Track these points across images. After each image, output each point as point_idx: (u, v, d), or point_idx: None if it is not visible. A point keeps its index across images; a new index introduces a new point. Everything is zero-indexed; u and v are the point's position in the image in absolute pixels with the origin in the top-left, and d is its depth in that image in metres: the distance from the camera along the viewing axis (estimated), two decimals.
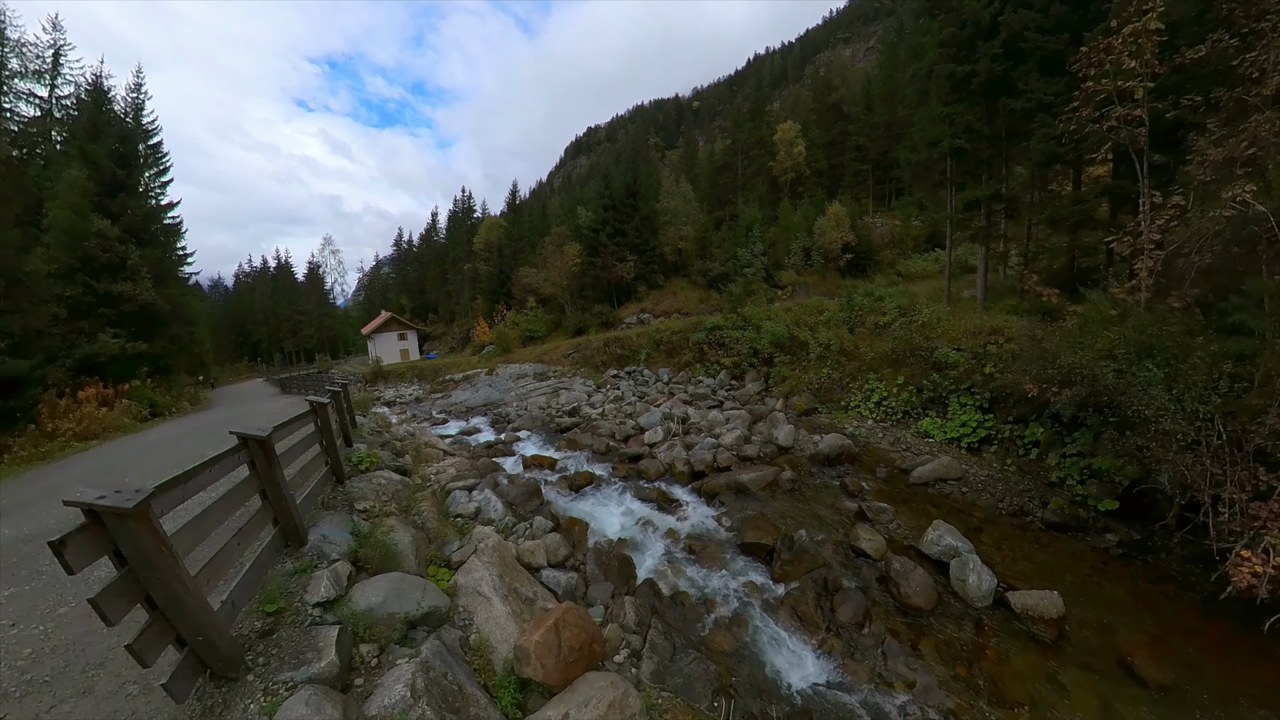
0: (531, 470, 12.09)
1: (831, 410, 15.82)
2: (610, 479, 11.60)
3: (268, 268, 79.54)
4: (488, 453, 13.90)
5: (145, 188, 35.66)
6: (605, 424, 16.18)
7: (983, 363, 12.24)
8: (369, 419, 13.33)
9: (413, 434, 13.35)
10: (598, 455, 13.42)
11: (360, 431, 10.47)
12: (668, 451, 12.63)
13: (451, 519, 7.38)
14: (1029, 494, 9.49)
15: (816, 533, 8.57)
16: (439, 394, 30.49)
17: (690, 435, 14.24)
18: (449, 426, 20.23)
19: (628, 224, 37.26)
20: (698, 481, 11.05)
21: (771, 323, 20.95)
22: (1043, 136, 15.78)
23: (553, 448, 14.56)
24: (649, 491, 10.74)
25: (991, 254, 23.15)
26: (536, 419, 18.16)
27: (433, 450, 11.05)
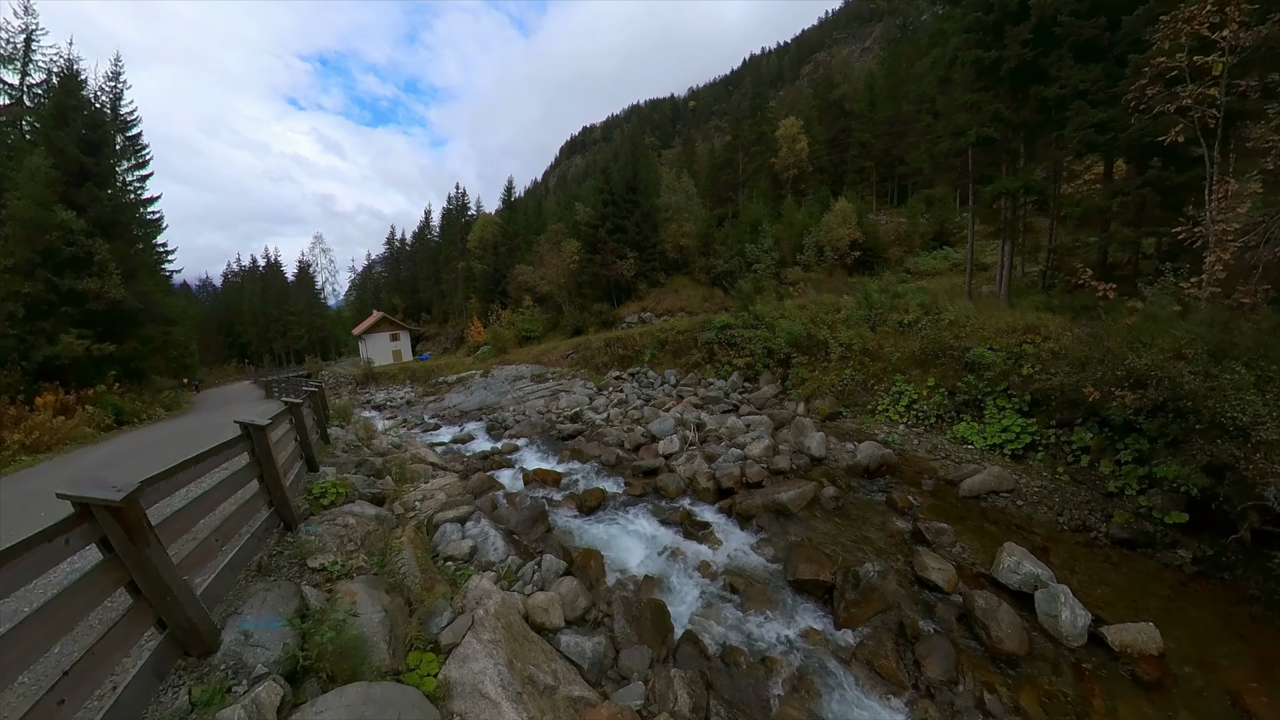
0: (534, 487, 10.76)
1: (857, 414, 14.72)
2: (624, 497, 10.29)
3: (257, 267, 77.48)
4: (483, 465, 12.55)
5: (123, 181, 34.22)
6: (612, 431, 14.84)
7: (1019, 363, 11.49)
8: (351, 427, 11.96)
9: (399, 445, 11.95)
10: (606, 468, 12.09)
11: (332, 449, 9.13)
12: (687, 464, 11.31)
13: (440, 563, 5.99)
14: (1088, 506, 8.70)
15: (874, 560, 7.45)
16: (431, 397, 29.06)
17: (709, 444, 12.94)
18: (441, 433, 18.83)
19: (628, 220, 35.92)
20: (726, 500, 9.82)
21: (787, 321, 19.67)
22: (1080, 125, 14.89)
23: (555, 458, 13.22)
24: (671, 513, 9.43)
25: (1018, 249, 21.98)
26: (536, 425, 16.80)
27: (421, 466, 9.70)
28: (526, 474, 11.29)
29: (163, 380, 35.69)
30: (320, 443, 8.59)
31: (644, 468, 11.51)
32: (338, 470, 7.17)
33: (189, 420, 19.74)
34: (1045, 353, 11.22)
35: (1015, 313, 15.23)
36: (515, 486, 11.02)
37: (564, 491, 10.56)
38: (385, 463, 8.80)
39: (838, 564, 7.39)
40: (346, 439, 9.91)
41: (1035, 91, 16.89)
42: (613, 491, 10.50)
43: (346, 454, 8.81)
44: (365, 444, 10.70)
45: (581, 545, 7.93)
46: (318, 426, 8.71)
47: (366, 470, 7.87)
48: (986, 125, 18.74)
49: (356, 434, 10.98)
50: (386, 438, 11.91)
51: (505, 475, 11.78)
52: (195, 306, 78.57)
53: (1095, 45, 15.62)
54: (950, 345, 13.58)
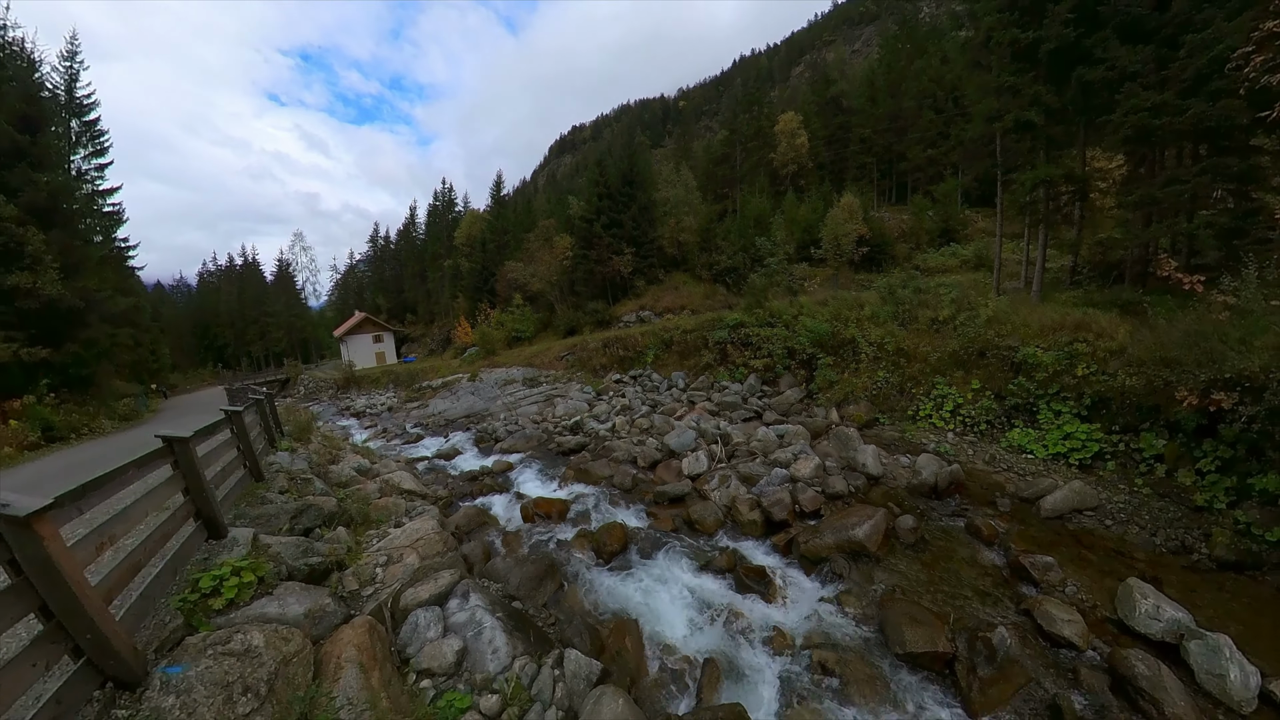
0: (536, 524, 8.74)
1: (896, 421, 13.32)
2: (650, 533, 8.38)
3: (234, 266, 74.17)
4: (471, 488, 10.53)
5: (78, 170, 31.62)
6: (621, 444, 12.88)
7: (1073, 363, 10.66)
8: (303, 454, 9.79)
9: (368, 469, 9.80)
10: (622, 493, 10.14)
11: (266, 488, 6.81)
12: (721, 488, 9.45)
13: (412, 686, 3.88)
14: (1181, 524, 7.90)
15: (984, 610, 6.02)
16: (415, 403, 26.82)
17: (738, 460, 11.05)
18: (424, 445, 16.71)
19: (624, 214, 33.93)
20: (779, 535, 8.11)
21: (809, 319, 17.88)
22: (1131, 109, 13.85)
23: (556, 480, 11.21)
24: (713, 555, 7.58)
25: (1057, 242, 20.55)
26: (531, 438, 14.74)
27: (390, 501, 7.50)
28: (526, 506, 9.25)
29: (126, 386, 33.10)
30: (242, 484, 6.32)
31: (669, 494, 9.56)
32: (259, 533, 4.95)
33: (141, 433, 17.38)
34: (1101, 352, 10.41)
35: (1056, 309, 13.87)
36: (512, 518, 9.03)
37: (574, 527, 8.56)
38: (342, 502, 6.73)
39: (949, 623, 5.84)
40: (293, 468, 7.76)
41: (1079, 74, 15.63)
42: (634, 526, 8.59)
43: (286, 495, 6.59)
44: (321, 472, 8.60)
45: (608, 610, 5.99)
46: (244, 461, 6.59)
47: (310, 519, 5.77)
48: (1026, 109, 17.15)
49: (310, 460, 8.86)
50: (350, 462, 9.75)
51: (498, 503, 9.78)
52: (169, 307, 75.40)
53: (1142, 26, 14.55)
54: (995, 344, 12.57)
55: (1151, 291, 15.34)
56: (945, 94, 45.50)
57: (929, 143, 44.60)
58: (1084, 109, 16.97)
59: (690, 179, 38.29)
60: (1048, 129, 18.44)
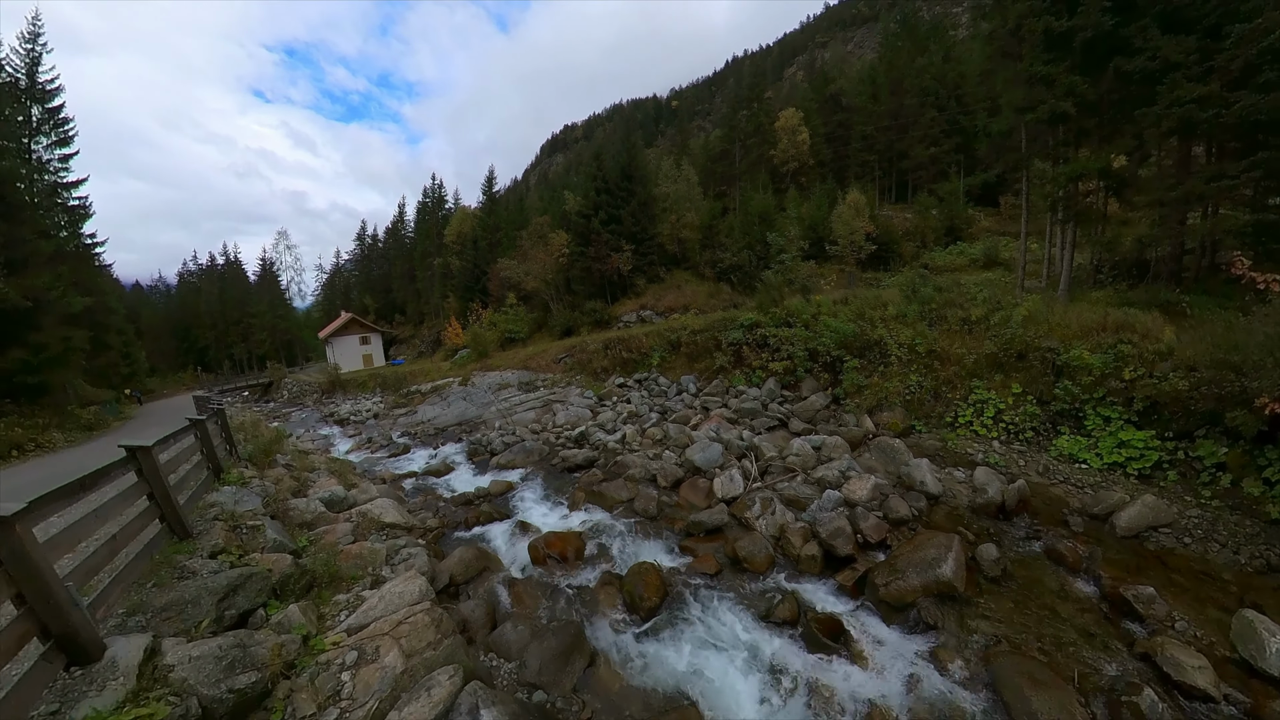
0: (549, 567, 7.17)
1: (933, 428, 12.29)
2: (690, 575, 6.91)
3: (215, 265, 71.57)
4: (466, 515, 8.96)
5: (40, 160, 29.59)
6: (635, 459, 11.36)
7: (1121, 366, 10.06)
8: (271, 476, 8.16)
9: (340, 500, 8.00)
10: (645, 521, 8.63)
11: (193, 548, 4.98)
12: (765, 515, 8.04)
13: None
14: (1261, 539, 7.20)
15: (1081, 649, 5.23)
16: (403, 409, 25.10)
17: (773, 477, 9.60)
18: (412, 458, 15.08)
19: (623, 209, 32.43)
20: (844, 572, 6.94)
21: (832, 318, 16.57)
22: (1175, 100, 13.28)
23: (564, 504, 9.67)
24: (769, 599, 6.22)
25: (1091, 239, 19.55)
26: (532, 451, 13.15)
27: (365, 549, 5.75)
28: (536, 546, 7.59)
29: (96, 392, 31.01)
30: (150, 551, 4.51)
31: (705, 523, 8.06)
32: (162, 638, 3.41)
33: (97, 446, 15.59)
34: (1149, 354, 9.88)
35: (1093, 309, 13.24)
36: (517, 558, 7.45)
37: (595, 569, 7.01)
38: (302, 554, 5.16)
39: (1075, 682, 4.91)
40: (238, 510, 6.12)
41: (1117, 64, 14.82)
42: (669, 566, 7.11)
43: (220, 558, 4.72)
44: (280, 509, 6.96)
45: (655, 689, 4.54)
46: (159, 513, 4.76)
47: (249, 595, 4.08)
48: (1060, 100, 16.18)
49: (267, 494, 7.16)
50: (320, 490, 8.07)
51: (499, 535, 8.21)
52: (147, 308, 72.59)
53: (1182, 15, 13.77)
54: (1035, 346, 11.83)
55: (1188, 291, 14.70)
56: (948, 92, 44.80)
57: (931, 141, 43.84)
58: (1121, 101, 16.08)
59: (692, 174, 36.91)
60: (1081, 121, 17.43)
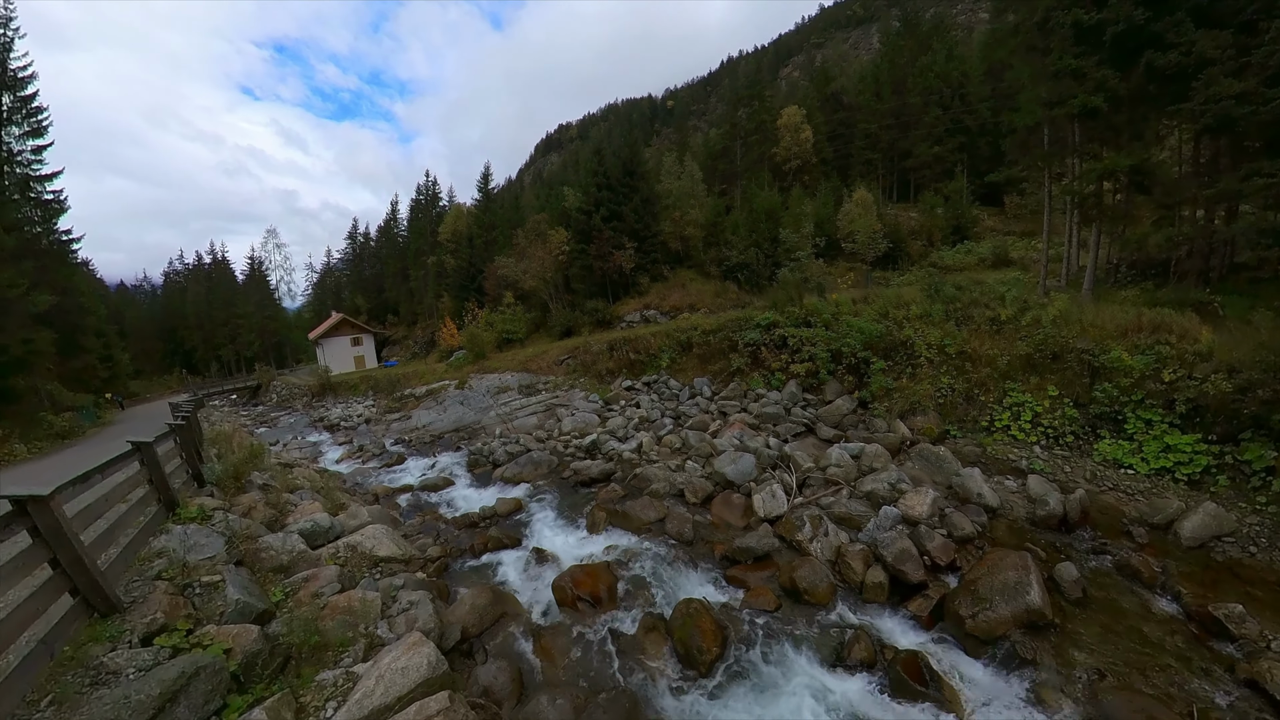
0: (579, 609, 6.03)
1: (968, 432, 11.70)
2: (751, 617, 5.92)
3: (202, 264, 69.68)
4: (473, 539, 7.84)
5: (9, 150, 28.05)
6: (656, 471, 10.26)
7: (1160, 368, 9.80)
8: (243, 503, 6.89)
9: (325, 531, 6.68)
10: (680, 546, 7.56)
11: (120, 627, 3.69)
12: (816, 537, 7.14)
13: None
14: None
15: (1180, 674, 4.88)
16: (396, 414, 23.83)
17: (813, 491, 8.57)
18: (406, 469, 13.89)
19: (625, 206, 31.33)
20: (916, 600, 6.26)
21: (853, 318, 15.61)
22: (1211, 96, 12.97)
23: (582, 525, 8.55)
24: (845, 640, 5.46)
25: (1117, 238, 18.93)
26: (540, 463, 11.99)
27: (357, 604, 4.52)
28: (562, 585, 6.36)
29: (74, 397, 29.44)
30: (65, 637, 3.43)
31: (753, 549, 7.03)
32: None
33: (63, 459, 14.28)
34: (1188, 355, 9.62)
35: (1126, 309, 12.85)
36: (538, 599, 6.32)
37: (632, 610, 5.92)
38: (273, 621, 4.02)
39: (1190, 717, 4.49)
40: (193, 561, 4.84)
41: (1150, 58, 14.33)
42: (717, 600, 6.14)
43: (161, 641, 3.61)
44: (250, 551, 5.64)
45: None
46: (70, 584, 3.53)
47: (199, 699, 2.99)
48: (1091, 94, 15.63)
49: (235, 531, 5.84)
50: (302, 519, 6.77)
51: (512, 566, 7.07)
52: (132, 309, 70.55)
53: (1216, 10, 13.51)
54: (1071, 347, 11.43)
55: (1218, 290, 14.15)
56: (952, 91, 44.23)
57: (935, 140, 43.23)
58: (1152, 96, 15.49)
59: (696, 170, 35.85)
60: (1111, 117, 16.73)
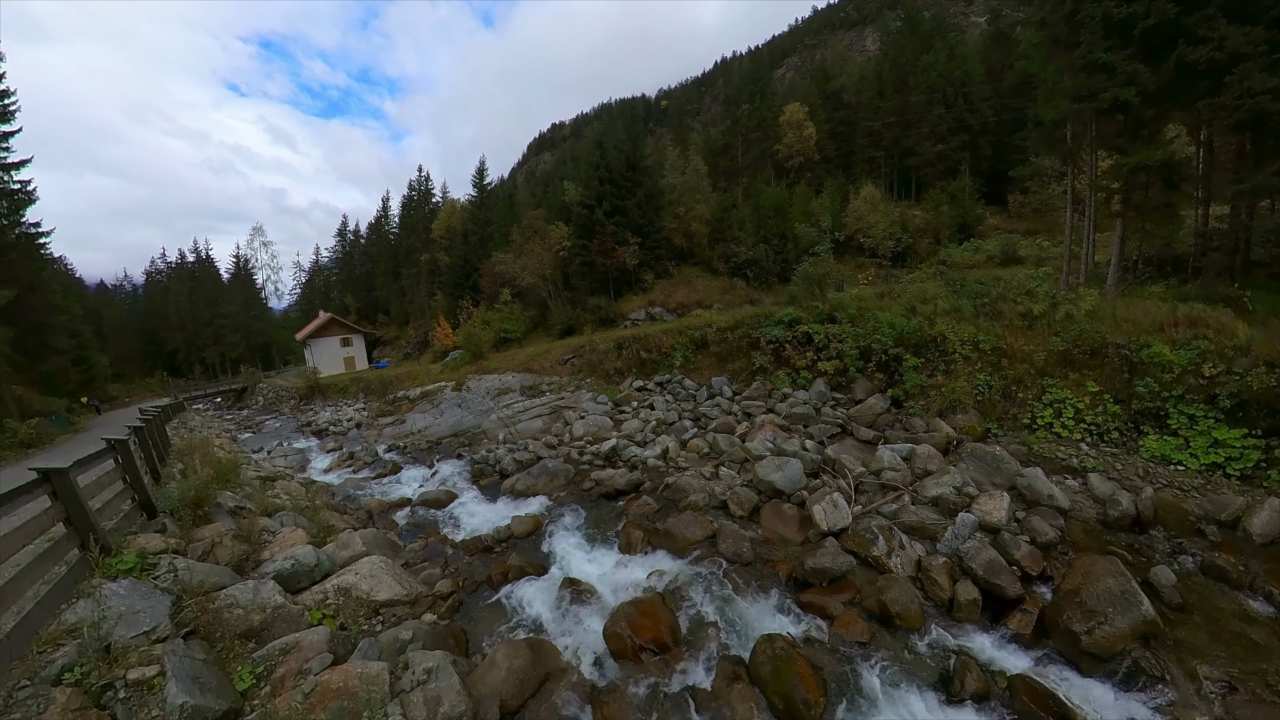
0: (645, 662, 4.91)
1: (1009, 430, 11.30)
2: (844, 653, 5.13)
3: (185, 263, 67.47)
4: (488, 567, 6.71)
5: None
6: (690, 480, 9.17)
7: (1200, 362, 9.76)
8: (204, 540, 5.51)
9: (311, 570, 5.16)
10: (737, 567, 6.53)
11: None
12: (892, 549, 6.45)
13: None
14: None
15: None
16: (389, 418, 22.52)
17: (870, 497, 7.65)
18: (403, 480, 12.63)
19: (628, 200, 30.24)
20: (1013, 617, 5.78)
21: (879, 313, 14.75)
22: (1244, 92, 12.99)
23: (613, 545, 7.43)
24: (946, 668, 4.99)
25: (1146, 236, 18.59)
26: (555, 473, 10.79)
27: (356, 681, 3.24)
28: (619, 635, 5.15)
29: (46, 401, 27.72)
30: None
31: (829, 570, 6.14)
32: None
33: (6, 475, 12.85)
34: (1227, 349, 9.56)
35: (1159, 304, 12.85)
36: (582, 642, 5.22)
37: (704, 654, 4.86)
38: None
39: None
40: (121, 640, 3.44)
41: (1181, 54, 14.21)
42: (797, 633, 5.28)
43: None
44: (205, 611, 4.26)
45: None
46: None
47: None
48: (1121, 88, 15.27)
49: (185, 584, 4.51)
50: (278, 558, 5.57)
51: (542, 601, 5.94)
52: (111, 309, 68.13)
53: (1248, 6, 13.48)
54: (1109, 342, 11.22)
55: (1245, 285, 13.97)
56: (955, 89, 43.78)
57: (939, 138, 42.75)
58: (1184, 91, 15.21)
59: (700, 164, 34.88)
60: (1140, 111, 16.46)
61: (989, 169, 42.84)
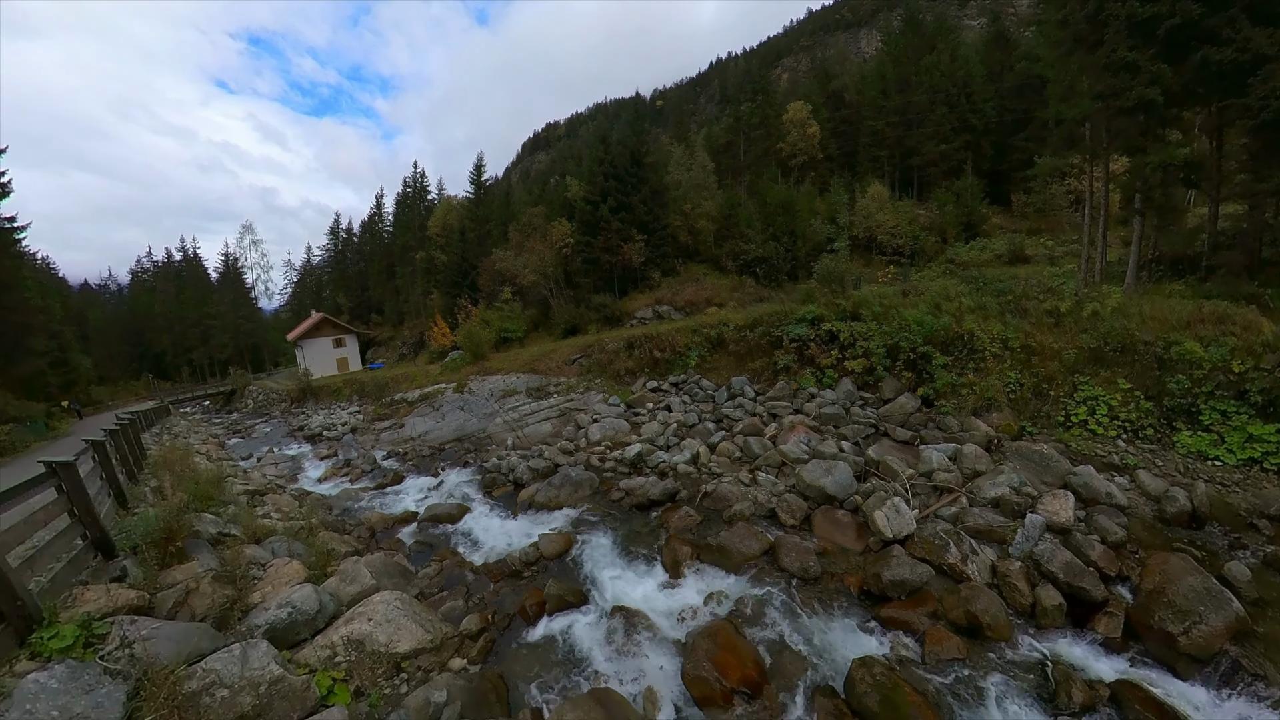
0: (734, 708, 4.18)
1: (1043, 429, 11.10)
2: (941, 673, 4.70)
3: (172, 262, 65.84)
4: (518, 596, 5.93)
5: None
6: (730, 488, 8.46)
7: (1229, 358, 9.83)
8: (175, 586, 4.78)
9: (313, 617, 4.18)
10: (802, 584, 5.93)
11: None
12: (965, 555, 6.13)
13: None
14: None
15: None
16: (386, 421, 21.61)
17: (923, 500, 7.17)
18: (406, 491, 11.76)
19: (633, 196, 29.52)
20: (1100, 620, 5.53)
21: (907, 310, 14.23)
22: (1270, 92, 13.17)
23: (653, 559, 6.69)
24: (1044, 678, 4.71)
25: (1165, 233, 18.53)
26: (579, 482, 9.93)
27: None
28: (701, 677, 4.45)
29: (24, 406, 26.41)
30: None
31: (907, 581, 5.76)
32: None
33: None
34: (1256, 346, 9.69)
35: (1182, 302, 12.94)
36: (662, 691, 4.44)
37: (799, 692, 4.21)
38: None
39: None
40: None
41: (1205, 54, 14.32)
42: (882, 653, 4.81)
43: None
44: (173, 698, 3.22)
45: None
46: None
47: None
48: (1146, 88, 15.29)
49: (143, 660, 3.40)
50: (275, 603, 4.75)
51: (590, 636, 5.23)
52: (96, 310, 66.34)
53: (1272, 8, 13.78)
54: (1140, 339, 11.24)
55: (1265, 283, 14.05)
56: (958, 89, 43.62)
57: (942, 138, 42.53)
58: (1206, 91, 15.61)
59: (706, 160, 34.23)
60: (1163, 111, 16.52)
61: (990, 169, 42.74)
